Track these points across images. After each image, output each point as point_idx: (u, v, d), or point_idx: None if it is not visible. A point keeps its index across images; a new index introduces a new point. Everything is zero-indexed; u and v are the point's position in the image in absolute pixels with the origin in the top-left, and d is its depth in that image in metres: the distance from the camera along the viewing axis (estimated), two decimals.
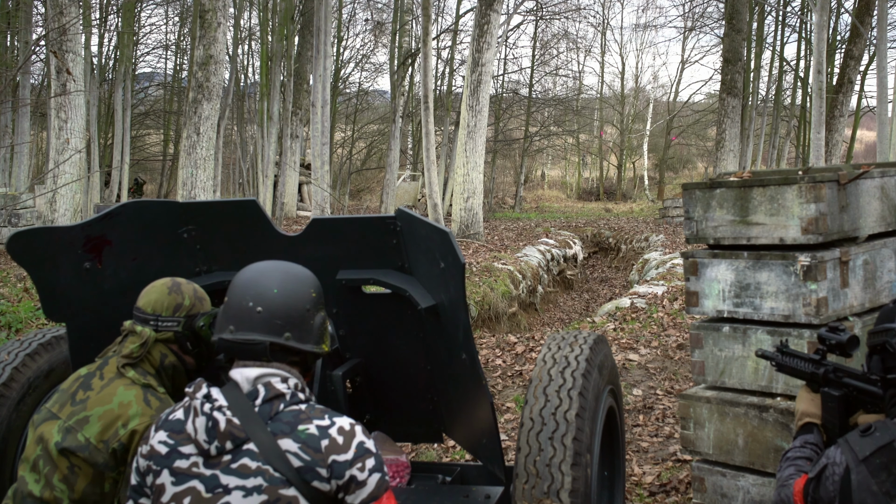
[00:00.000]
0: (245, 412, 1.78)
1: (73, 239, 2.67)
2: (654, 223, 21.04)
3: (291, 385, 1.86)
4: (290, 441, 1.76)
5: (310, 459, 1.75)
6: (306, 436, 1.77)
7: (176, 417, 1.84)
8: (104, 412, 2.26)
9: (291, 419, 1.79)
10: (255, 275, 1.94)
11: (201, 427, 1.76)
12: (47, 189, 10.47)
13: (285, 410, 1.80)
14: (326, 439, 1.77)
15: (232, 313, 1.92)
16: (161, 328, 2.42)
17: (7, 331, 6.84)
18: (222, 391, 1.83)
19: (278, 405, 1.81)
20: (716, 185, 3.15)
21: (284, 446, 1.75)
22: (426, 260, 2.59)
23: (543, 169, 44.56)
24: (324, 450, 1.76)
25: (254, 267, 1.97)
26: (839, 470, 1.88)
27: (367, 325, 2.95)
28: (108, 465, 2.23)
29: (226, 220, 2.91)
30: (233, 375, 1.87)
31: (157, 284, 2.47)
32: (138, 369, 2.38)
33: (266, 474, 1.73)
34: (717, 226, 3.16)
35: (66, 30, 9.79)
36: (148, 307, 2.43)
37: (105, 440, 2.24)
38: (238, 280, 1.95)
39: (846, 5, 23.45)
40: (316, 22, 14.52)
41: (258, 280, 1.93)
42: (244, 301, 1.90)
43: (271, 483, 1.73)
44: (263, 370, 1.87)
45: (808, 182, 2.91)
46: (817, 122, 11.63)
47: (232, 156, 26.98)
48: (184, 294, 2.47)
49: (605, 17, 42.57)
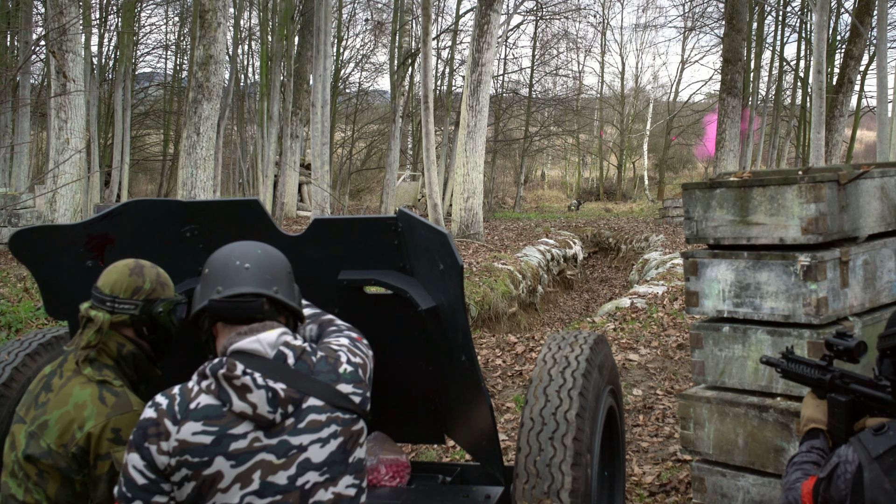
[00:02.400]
0: (286, 374, 1.83)
1: (75, 237, 2.68)
2: (654, 223, 21.05)
3: (300, 337, 1.95)
4: (344, 384, 1.89)
5: (362, 391, 1.94)
6: (349, 374, 1.92)
7: (204, 404, 1.80)
8: (61, 415, 2.21)
9: (329, 367, 1.90)
10: (235, 245, 2.04)
11: (261, 400, 1.78)
12: (47, 189, 10.47)
13: (318, 361, 1.89)
14: (358, 368, 1.96)
15: (217, 276, 1.96)
16: (117, 310, 2.33)
17: (7, 331, 6.84)
18: (245, 364, 1.82)
19: (310, 359, 1.89)
20: (716, 185, 3.15)
21: (344, 390, 1.89)
22: (426, 261, 2.59)
23: (543, 169, 44.58)
24: (362, 376, 1.96)
25: (231, 243, 2.05)
26: (851, 468, 1.87)
27: (369, 325, 2.95)
28: (72, 469, 2.20)
29: (228, 219, 2.91)
30: (244, 346, 1.85)
31: (119, 265, 2.39)
32: (95, 364, 2.30)
33: (338, 419, 1.86)
34: (717, 226, 3.16)
35: (66, 30, 9.79)
36: (106, 287, 2.35)
37: (64, 444, 2.19)
38: (219, 251, 2.03)
39: (846, 5, 23.46)
40: (316, 22, 14.52)
41: (239, 246, 2.03)
42: (230, 261, 1.97)
43: (344, 425, 1.87)
44: (279, 330, 1.89)
45: (808, 182, 2.92)
46: (817, 122, 11.64)
47: (232, 156, 26.98)
48: (145, 277, 2.38)
49: (605, 17, 42.60)
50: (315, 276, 2.89)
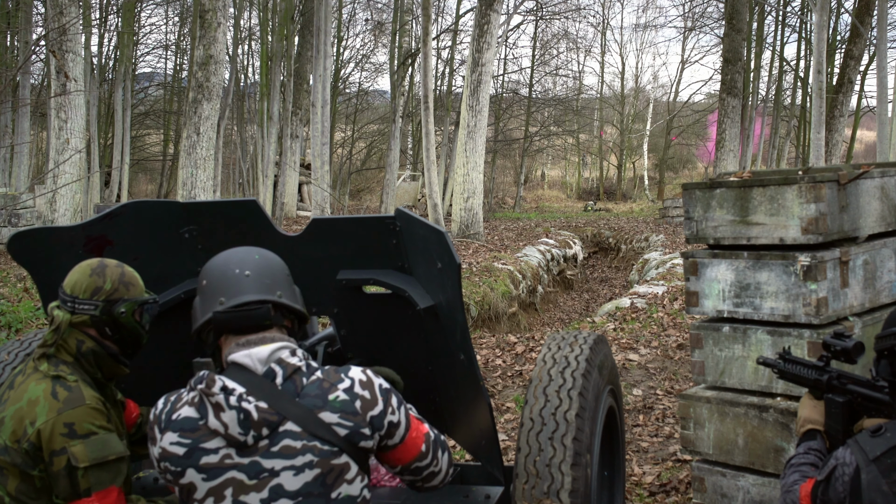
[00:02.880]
0: (269, 394, 1.77)
1: (73, 239, 2.67)
2: (654, 223, 21.05)
3: (301, 355, 1.87)
4: (328, 413, 1.78)
5: (353, 424, 1.79)
6: (340, 403, 1.80)
7: (183, 416, 1.79)
8: (15, 412, 2.21)
9: (319, 391, 1.80)
10: (230, 252, 2.00)
11: (232, 421, 1.74)
12: (47, 189, 10.47)
13: (309, 384, 1.81)
14: (357, 399, 1.82)
15: (218, 286, 1.91)
16: (77, 311, 2.31)
17: (7, 331, 6.84)
18: (234, 378, 1.79)
19: (300, 380, 1.81)
20: (716, 185, 3.15)
21: (326, 419, 1.78)
22: (424, 260, 2.59)
23: (543, 169, 44.57)
24: (360, 410, 1.81)
25: (225, 252, 2.01)
26: (849, 470, 1.87)
27: (369, 325, 2.95)
28: (27, 465, 2.18)
29: (227, 220, 2.91)
30: (238, 359, 1.82)
31: (83, 264, 2.37)
32: (52, 360, 2.28)
33: (315, 449, 1.76)
34: (717, 226, 3.16)
35: (66, 30, 9.79)
36: (68, 287, 2.34)
37: (17, 440, 2.18)
38: (214, 261, 1.99)
39: (846, 5, 23.47)
40: (316, 22, 14.52)
41: (236, 253, 1.99)
42: (229, 270, 1.93)
43: (322, 456, 1.76)
44: (273, 346, 1.84)
45: (808, 182, 2.91)
46: (817, 122, 11.64)
47: (232, 156, 26.99)
48: (106, 277, 2.35)
49: (605, 17, 42.62)
50: (314, 276, 2.88)
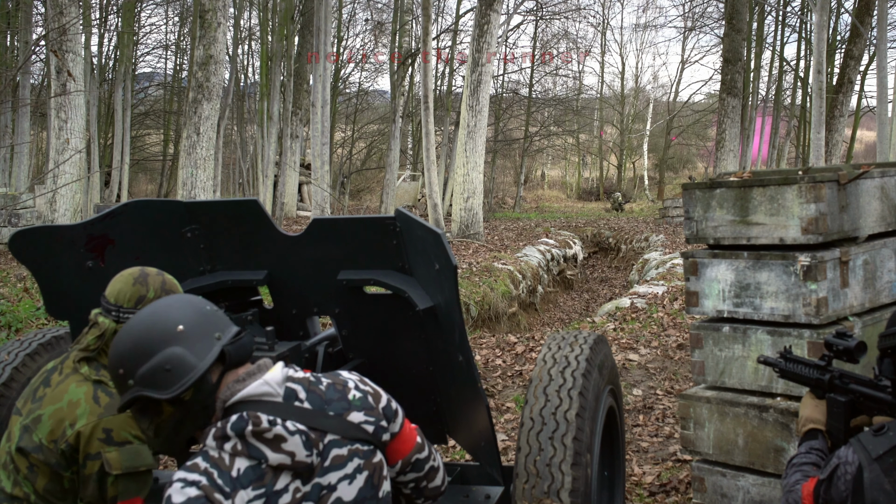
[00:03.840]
0: (301, 414, 1.70)
1: (75, 238, 2.68)
2: (654, 223, 21.04)
3: (295, 366, 1.84)
4: (355, 413, 1.77)
5: (374, 419, 1.80)
6: (360, 401, 1.79)
7: (244, 468, 1.62)
8: (54, 411, 2.22)
9: (339, 394, 1.78)
10: (169, 300, 1.79)
11: (298, 446, 1.65)
12: (47, 189, 10.47)
13: (327, 389, 1.77)
14: (368, 395, 1.83)
15: (205, 325, 1.74)
16: (122, 319, 2.34)
17: (7, 331, 6.84)
18: (262, 411, 1.67)
19: (319, 389, 1.77)
20: (716, 185, 3.15)
21: (355, 420, 1.76)
22: (423, 261, 2.60)
23: (543, 169, 44.57)
24: (374, 404, 1.82)
25: (164, 300, 1.79)
26: (851, 469, 1.87)
27: (370, 325, 2.95)
28: (61, 465, 2.20)
29: (228, 219, 2.92)
30: (253, 392, 1.70)
31: (124, 273, 2.40)
32: (93, 364, 2.31)
33: (359, 452, 1.75)
34: (717, 226, 3.16)
35: (66, 30, 9.79)
36: (111, 296, 2.36)
37: (55, 440, 2.20)
38: (173, 310, 1.74)
39: (846, 5, 23.47)
40: (316, 22, 14.52)
41: (185, 297, 1.82)
42: (200, 308, 1.76)
43: (364, 458, 1.75)
44: (279, 365, 1.78)
45: (808, 182, 2.92)
46: (817, 122, 11.64)
47: (232, 156, 26.99)
48: (149, 286, 2.38)
49: (605, 17, 42.59)
50: (315, 276, 2.89)
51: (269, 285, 3.00)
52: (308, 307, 3.00)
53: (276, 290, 3.02)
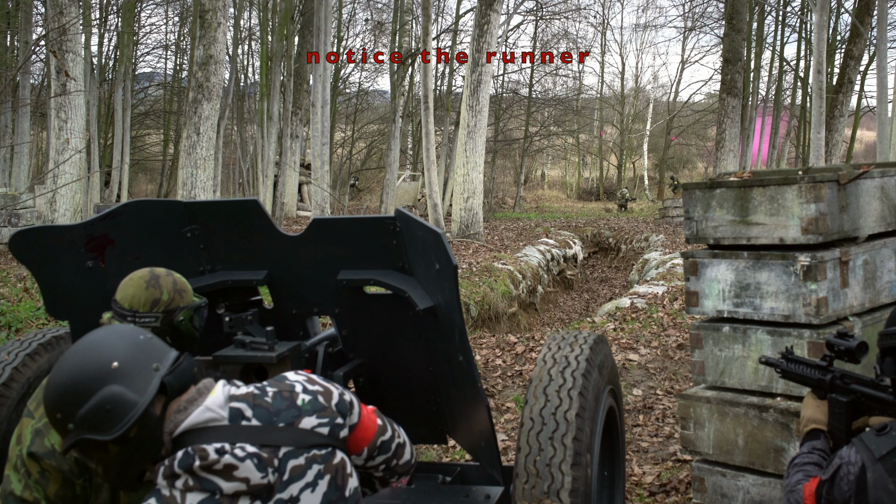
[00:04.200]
0: (250, 433, 1.65)
1: (75, 238, 2.68)
2: (654, 223, 21.04)
3: (236, 381, 1.78)
4: (307, 418, 1.72)
5: (329, 419, 1.75)
6: (310, 404, 1.74)
7: (198, 502, 1.59)
8: None
9: (286, 403, 1.72)
10: (100, 335, 1.70)
11: (251, 470, 1.61)
12: (47, 189, 10.46)
13: (273, 400, 1.72)
14: (318, 395, 1.77)
15: (142, 357, 1.67)
16: (138, 324, 2.32)
17: (7, 331, 6.84)
18: (209, 439, 1.63)
19: (265, 401, 1.71)
20: (716, 185, 3.15)
21: (308, 425, 1.71)
22: (423, 261, 2.60)
23: (543, 169, 44.56)
24: (325, 402, 1.77)
25: (91, 335, 1.70)
26: (854, 469, 1.86)
27: (370, 325, 2.95)
28: (73, 472, 2.18)
29: (228, 219, 2.92)
30: (197, 420, 1.65)
31: (134, 277, 2.37)
32: None
33: (316, 458, 1.70)
34: (717, 226, 3.16)
35: (66, 30, 9.79)
36: (125, 302, 2.33)
37: None
38: (111, 345, 1.66)
39: (846, 5, 23.47)
40: (316, 22, 14.52)
41: (118, 329, 1.73)
42: (134, 338, 1.69)
43: (324, 461, 1.71)
44: (219, 385, 1.72)
45: (808, 182, 2.92)
46: (817, 122, 11.64)
47: (232, 156, 26.99)
48: (162, 288, 2.36)
49: (605, 17, 42.56)
50: (314, 276, 2.89)
51: (269, 285, 3.00)
52: (308, 307, 3.01)
53: (276, 290, 3.02)
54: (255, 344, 2.71)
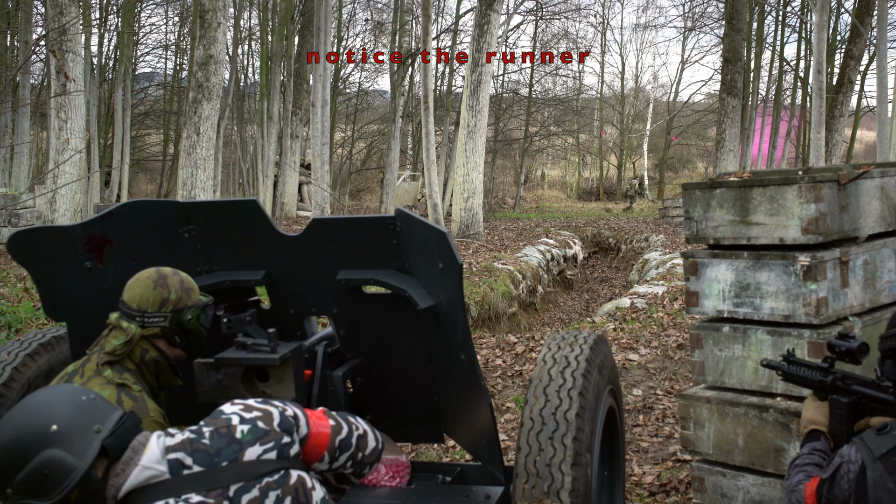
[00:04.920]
0: (195, 482, 1.62)
1: (73, 238, 2.68)
2: (654, 223, 21.04)
3: (172, 429, 1.75)
4: (250, 450, 1.69)
5: (274, 443, 1.72)
6: (250, 434, 1.71)
7: None
8: None
9: (225, 441, 1.69)
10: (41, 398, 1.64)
11: None
12: (47, 189, 10.46)
13: (211, 440, 1.68)
14: (257, 420, 1.74)
15: (83, 421, 1.61)
16: (147, 324, 2.34)
17: (7, 331, 6.84)
18: (153, 498, 1.60)
19: (202, 443, 1.68)
20: (716, 185, 3.15)
21: (252, 456, 1.68)
22: (425, 260, 2.59)
23: (543, 169, 44.55)
24: (267, 426, 1.74)
25: (31, 397, 1.66)
26: (854, 468, 1.87)
27: (368, 325, 2.95)
28: None
29: (227, 219, 2.92)
30: (136, 481, 1.61)
31: (141, 277, 2.39)
32: (116, 367, 2.30)
33: (271, 485, 1.68)
34: (717, 226, 3.16)
35: (66, 30, 9.79)
36: (133, 302, 2.36)
37: None
38: (51, 409, 1.61)
39: (846, 5, 23.46)
40: (316, 22, 14.52)
41: (60, 389, 1.68)
42: (76, 401, 1.64)
43: (280, 485, 1.69)
44: (153, 439, 1.67)
45: (808, 182, 2.91)
46: (817, 122, 11.64)
47: (232, 156, 26.98)
48: (170, 288, 2.38)
49: (605, 17, 42.57)
50: (313, 276, 2.89)
51: (268, 285, 3.00)
52: (306, 307, 3.00)
53: (274, 290, 3.02)
54: (256, 346, 2.70)
